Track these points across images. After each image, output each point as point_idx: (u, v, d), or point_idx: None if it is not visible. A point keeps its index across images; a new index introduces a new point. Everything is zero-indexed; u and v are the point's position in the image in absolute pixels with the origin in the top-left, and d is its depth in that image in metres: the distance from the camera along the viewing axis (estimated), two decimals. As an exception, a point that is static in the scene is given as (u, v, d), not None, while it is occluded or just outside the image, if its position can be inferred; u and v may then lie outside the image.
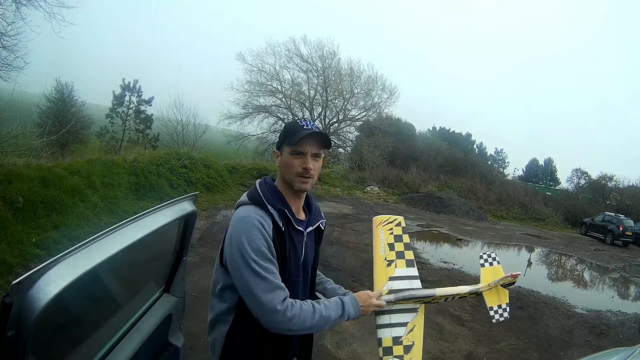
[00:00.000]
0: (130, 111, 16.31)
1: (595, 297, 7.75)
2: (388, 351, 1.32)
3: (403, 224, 1.55)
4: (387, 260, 1.43)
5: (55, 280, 0.57)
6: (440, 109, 74.68)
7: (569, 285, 8.51)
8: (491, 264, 1.70)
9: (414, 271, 1.44)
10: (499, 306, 1.61)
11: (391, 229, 1.51)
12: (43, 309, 0.53)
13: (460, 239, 11.20)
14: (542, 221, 19.78)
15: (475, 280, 1.75)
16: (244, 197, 1.25)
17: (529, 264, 10.04)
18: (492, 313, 1.61)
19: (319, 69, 23.93)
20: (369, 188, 18.90)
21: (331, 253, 7.10)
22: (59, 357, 0.95)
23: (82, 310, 0.99)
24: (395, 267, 1.42)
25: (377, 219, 1.58)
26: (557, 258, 11.71)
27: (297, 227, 1.26)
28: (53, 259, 0.59)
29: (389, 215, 1.57)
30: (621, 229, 15.87)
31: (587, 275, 10.16)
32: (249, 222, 1.14)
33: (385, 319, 1.35)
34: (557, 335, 5.07)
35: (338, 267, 6.29)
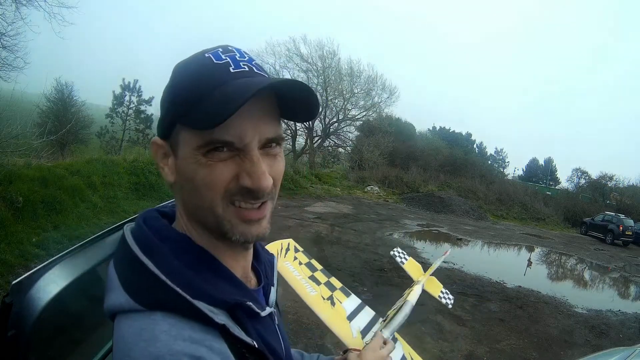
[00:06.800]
0: (130, 111, 16.32)
1: (596, 296, 7.75)
2: None
3: (294, 244, 1.28)
4: (325, 300, 1.13)
5: (55, 280, 0.57)
6: (441, 108, 74.81)
7: (569, 285, 8.51)
8: (405, 259, 1.71)
9: (355, 298, 1.19)
10: (442, 291, 1.68)
11: (295, 257, 1.21)
12: (43, 309, 0.54)
13: (460, 239, 11.21)
14: (542, 221, 19.79)
15: (476, 279, 1.80)
16: (114, 286, 0.48)
17: (529, 263, 10.04)
18: (443, 301, 1.66)
19: (319, 68, 23.88)
20: (369, 188, 18.92)
21: (331, 253, 7.10)
22: (60, 357, 0.95)
23: (82, 310, 1.00)
24: (340, 302, 1.14)
25: (272, 247, 1.21)
26: (557, 258, 11.71)
27: (262, 314, 0.54)
28: (53, 259, 0.59)
29: (279, 242, 1.23)
30: (621, 228, 15.87)
31: (587, 275, 10.16)
32: None
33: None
34: (557, 335, 5.08)
35: (338, 267, 6.30)
